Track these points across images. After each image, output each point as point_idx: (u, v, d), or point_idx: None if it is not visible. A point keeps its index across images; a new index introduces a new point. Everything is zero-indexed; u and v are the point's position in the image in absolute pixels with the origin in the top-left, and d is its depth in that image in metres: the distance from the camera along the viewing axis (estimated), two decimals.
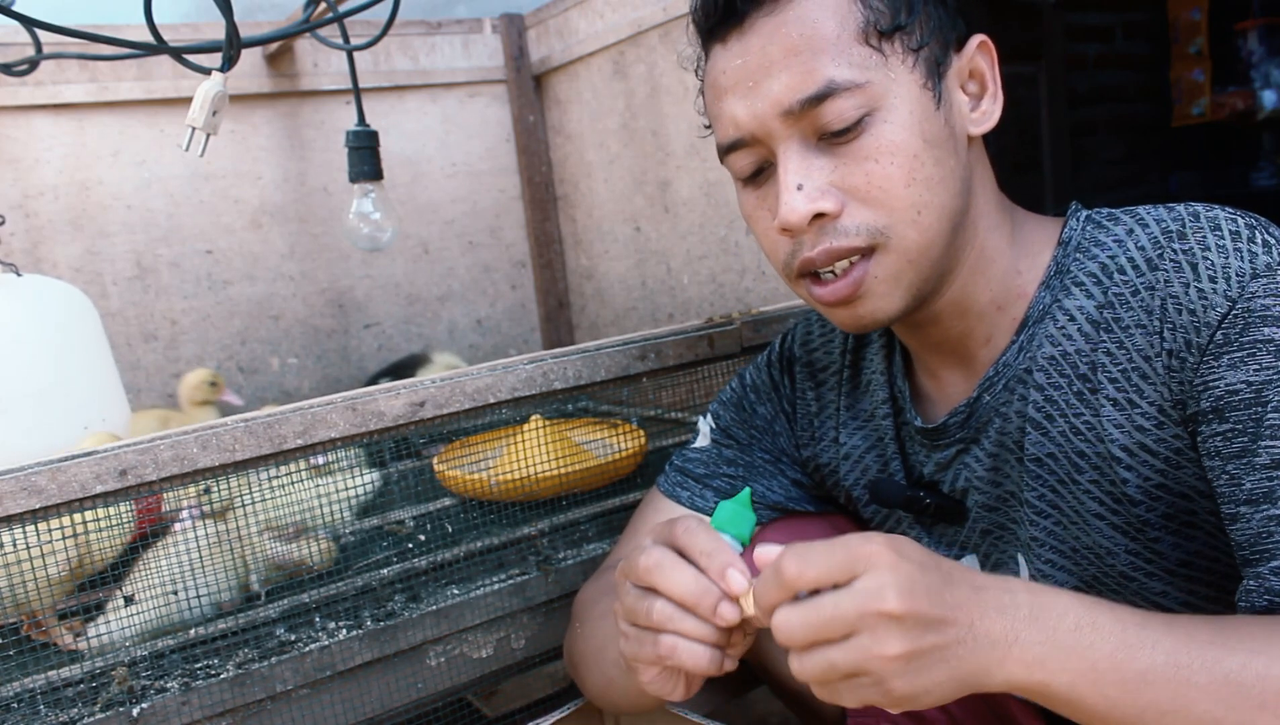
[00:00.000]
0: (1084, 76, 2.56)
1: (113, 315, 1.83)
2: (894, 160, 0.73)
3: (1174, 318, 0.71)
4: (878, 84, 0.73)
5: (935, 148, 0.75)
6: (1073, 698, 0.59)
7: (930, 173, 0.75)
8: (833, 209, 0.74)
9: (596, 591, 0.95)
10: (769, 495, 0.99)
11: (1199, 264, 0.70)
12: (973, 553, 0.90)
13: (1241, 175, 3.10)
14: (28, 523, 0.85)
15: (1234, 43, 2.87)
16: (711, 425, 1.02)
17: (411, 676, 1.03)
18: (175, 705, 0.89)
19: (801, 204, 0.74)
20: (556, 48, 2.09)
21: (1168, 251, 0.72)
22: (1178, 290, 0.71)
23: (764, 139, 0.76)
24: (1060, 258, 0.80)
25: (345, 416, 0.97)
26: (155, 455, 0.88)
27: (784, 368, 1.02)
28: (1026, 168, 2.26)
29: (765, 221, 0.80)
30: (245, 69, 1.86)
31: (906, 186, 0.74)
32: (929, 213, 0.75)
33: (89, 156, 1.80)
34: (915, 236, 0.75)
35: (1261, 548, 0.65)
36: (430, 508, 1.28)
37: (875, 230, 0.74)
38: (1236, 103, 2.82)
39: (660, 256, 1.91)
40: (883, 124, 0.73)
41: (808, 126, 0.74)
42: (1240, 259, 0.69)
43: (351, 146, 1.40)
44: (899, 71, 0.74)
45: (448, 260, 2.16)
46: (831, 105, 0.72)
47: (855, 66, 0.73)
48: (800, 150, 0.75)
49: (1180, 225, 0.73)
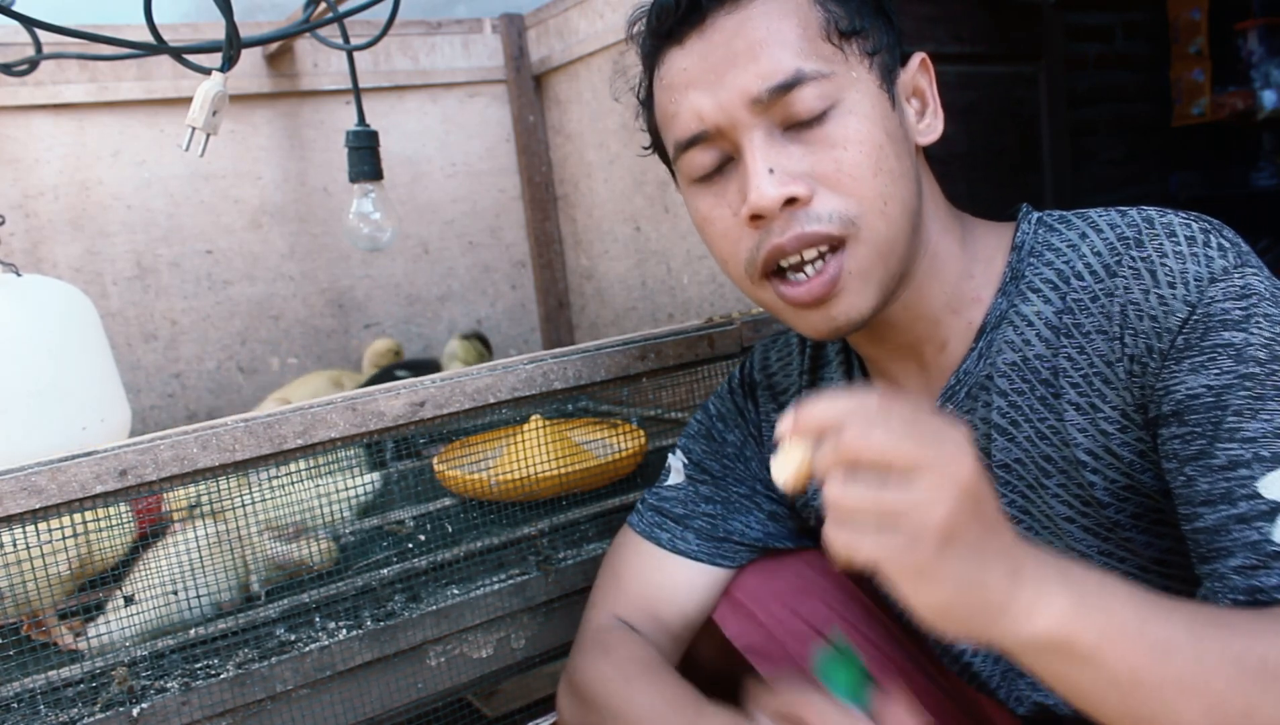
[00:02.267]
0: (1084, 76, 2.56)
1: (113, 315, 1.83)
2: (861, 148, 0.74)
3: (1135, 323, 0.71)
4: (841, 77, 0.75)
5: (895, 143, 0.76)
6: (1096, 659, 0.57)
7: (894, 165, 0.75)
8: (804, 193, 0.74)
9: (608, 673, 0.90)
10: (748, 533, 0.97)
11: (1157, 271, 0.71)
12: None
13: (1241, 175, 3.10)
14: (28, 523, 0.85)
15: (1234, 43, 2.87)
16: (684, 461, 1.01)
17: (411, 676, 1.03)
18: (175, 705, 0.89)
19: (773, 187, 0.73)
20: (556, 48, 2.09)
21: (1125, 258, 0.73)
22: (1138, 296, 0.71)
23: (728, 131, 0.76)
24: (1015, 263, 0.80)
25: (345, 416, 0.97)
26: (155, 455, 0.88)
27: (747, 393, 1.01)
28: (1026, 168, 2.26)
29: (725, 220, 0.79)
30: (245, 69, 1.86)
31: (874, 175, 0.74)
32: (894, 204, 0.75)
33: (89, 156, 1.80)
34: (884, 228, 0.75)
35: (1218, 546, 0.65)
36: (430, 508, 1.28)
37: (847, 218, 0.74)
38: (1236, 103, 2.81)
39: (660, 256, 1.91)
40: (848, 114, 0.74)
41: (775, 116, 0.74)
42: (1197, 264, 0.70)
43: (351, 146, 1.40)
44: (859, 70, 0.76)
45: (448, 260, 2.16)
46: (799, 94, 0.73)
47: (820, 59, 0.74)
48: (767, 137, 0.74)
49: (1137, 232, 0.73)
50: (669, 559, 0.96)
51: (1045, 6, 2.24)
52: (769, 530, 0.98)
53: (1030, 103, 2.23)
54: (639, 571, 0.96)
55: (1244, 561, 0.64)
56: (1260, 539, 0.63)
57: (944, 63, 1.95)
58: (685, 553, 0.95)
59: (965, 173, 2.05)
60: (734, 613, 0.97)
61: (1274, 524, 0.63)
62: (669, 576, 0.96)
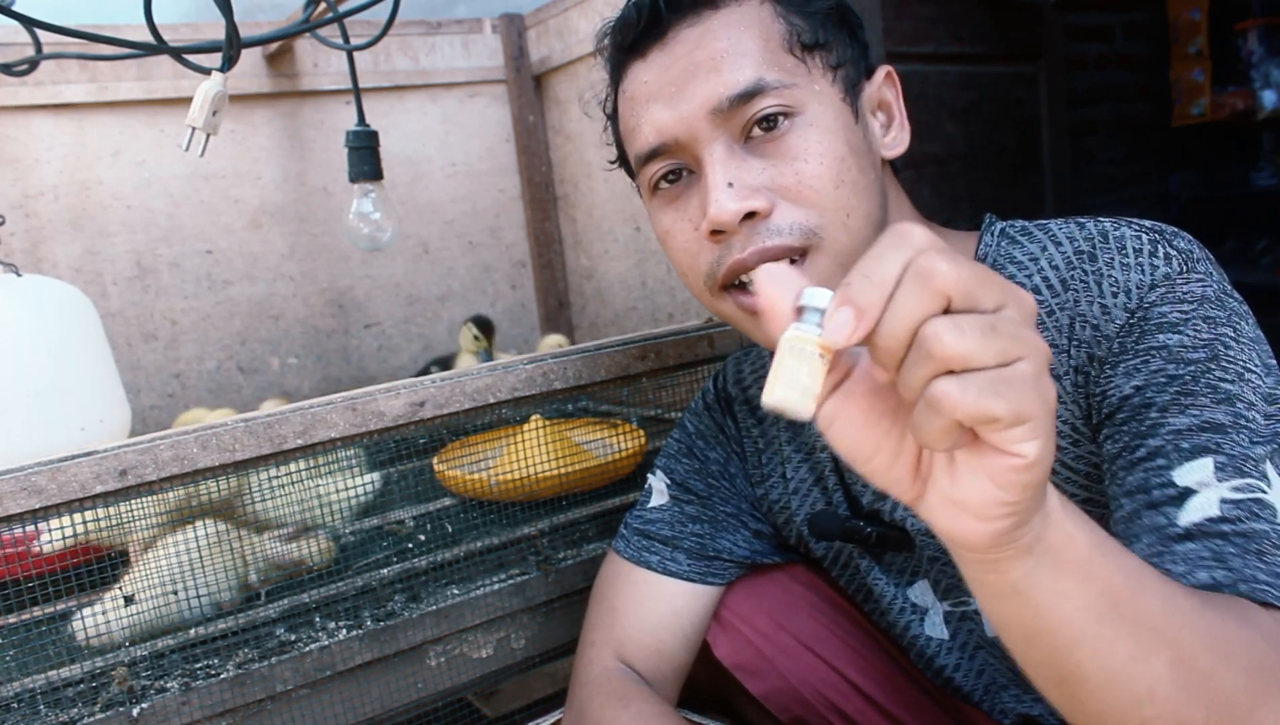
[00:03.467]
0: (1084, 76, 2.56)
1: (113, 315, 1.83)
2: (822, 160, 0.73)
3: (1079, 334, 0.72)
4: (803, 89, 0.74)
5: (858, 156, 0.75)
6: (1084, 570, 0.50)
7: (856, 178, 0.74)
8: (764, 206, 0.72)
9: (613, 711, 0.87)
10: (735, 551, 0.96)
11: (1103, 281, 0.71)
12: (924, 578, 0.89)
13: (1241, 175, 3.10)
14: (28, 523, 0.85)
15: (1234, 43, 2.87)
16: (666, 481, 0.99)
17: (411, 676, 1.03)
18: (175, 705, 0.89)
19: (732, 202, 0.72)
20: (556, 48, 2.09)
21: (1078, 272, 0.73)
22: (1084, 308, 0.72)
23: (688, 143, 0.75)
24: None
25: (345, 416, 0.97)
26: (155, 455, 0.88)
27: (724, 408, 1.00)
28: (1026, 168, 2.26)
29: (685, 234, 0.78)
30: (245, 69, 1.86)
31: (836, 187, 0.73)
32: (857, 217, 0.74)
33: (89, 156, 1.80)
34: (845, 240, 0.74)
35: (1129, 534, 0.64)
36: (430, 508, 1.28)
37: (808, 230, 0.73)
38: (1236, 103, 2.81)
39: (660, 256, 1.91)
40: (809, 126, 0.73)
41: (735, 127, 0.73)
42: (1141, 272, 0.70)
43: (351, 146, 1.40)
44: (821, 83, 0.75)
45: (448, 260, 2.16)
46: (760, 103, 0.72)
47: (782, 70, 0.73)
48: (726, 150, 0.73)
49: (1091, 245, 0.73)
50: (662, 583, 0.94)
51: (1045, 6, 2.24)
52: (755, 548, 0.98)
53: (1030, 103, 2.23)
54: (633, 600, 0.94)
55: (1149, 547, 0.62)
56: (1165, 523, 0.62)
57: (944, 63, 1.95)
58: (677, 574, 0.94)
59: (965, 173, 2.05)
60: (723, 632, 0.97)
61: (1181, 508, 0.62)
62: (664, 602, 0.94)
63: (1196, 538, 0.61)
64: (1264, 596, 0.57)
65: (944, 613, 0.89)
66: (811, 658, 0.95)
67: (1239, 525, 0.60)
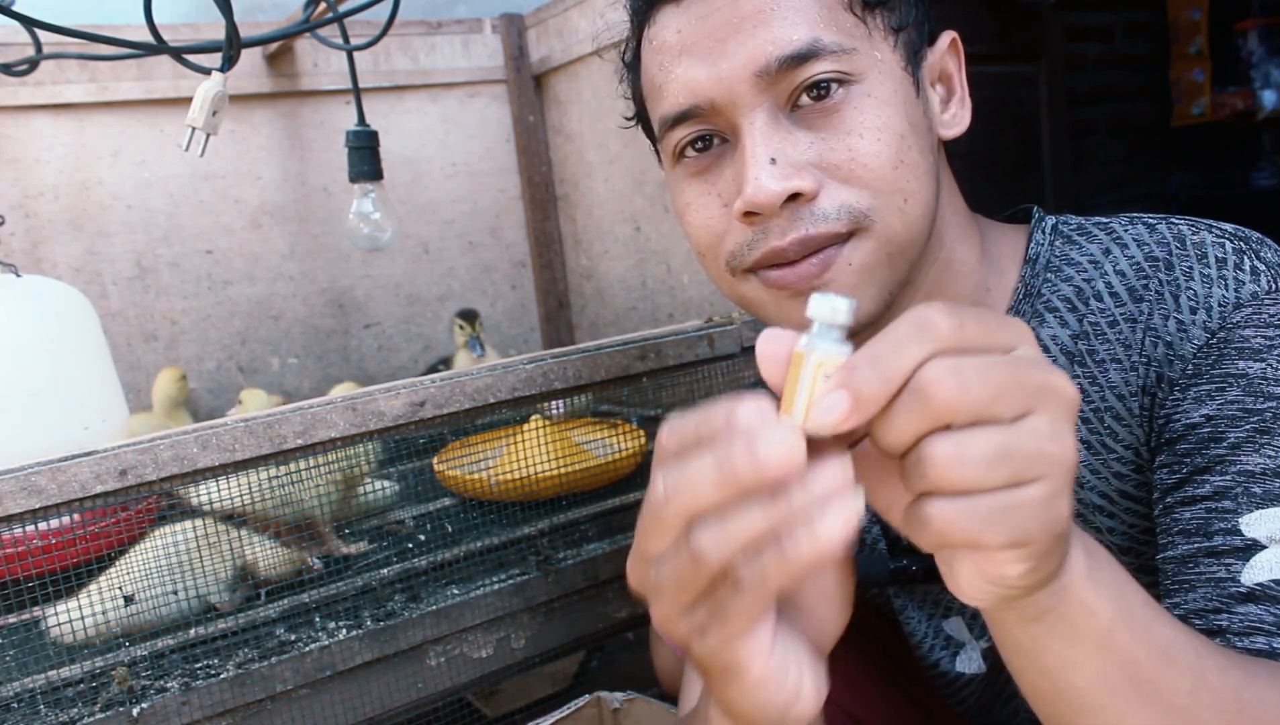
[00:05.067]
0: (1084, 76, 2.56)
1: (113, 315, 1.83)
2: (881, 137, 0.63)
3: (1150, 352, 0.65)
4: (863, 54, 0.64)
5: (919, 135, 0.66)
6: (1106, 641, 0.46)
7: (916, 159, 0.65)
8: (810, 188, 0.62)
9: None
10: None
11: (1181, 295, 0.64)
12: (958, 614, 0.83)
13: (1241, 175, 3.11)
14: (27, 523, 0.85)
15: (1234, 43, 2.87)
16: None
17: (411, 676, 1.03)
18: (175, 705, 0.89)
19: (774, 181, 0.61)
20: (556, 48, 2.08)
21: (1153, 282, 0.66)
22: (1157, 322, 0.65)
23: (724, 108, 0.64)
24: (1029, 278, 0.72)
25: (345, 416, 0.97)
26: (155, 455, 0.88)
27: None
28: (1026, 168, 2.26)
29: (710, 209, 0.68)
30: (245, 69, 1.86)
31: (894, 168, 0.63)
32: (915, 203, 0.65)
33: (89, 156, 1.80)
34: (900, 227, 0.64)
35: (1183, 578, 0.59)
36: (430, 508, 1.28)
37: (858, 212, 0.63)
38: (1236, 103, 2.82)
39: (660, 256, 1.91)
40: (867, 97, 0.63)
41: (782, 93, 0.63)
42: (1224, 287, 0.63)
43: (351, 146, 1.40)
44: (882, 48, 0.65)
45: (448, 260, 2.16)
46: (814, 67, 0.62)
47: (840, 31, 0.63)
48: (770, 120, 0.63)
49: (1167, 251, 0.66)
50: None
51: (1045, 6, 2.24)
52: None
53: (1030, 103, 2.23)
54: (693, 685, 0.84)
55: (1205, 600, 0.57)
56: (1227, 577, 0.56)
57: None
58: None
59: (965, 173, 2.04)
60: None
61: (1246, 564, 0.56)
62: None
63: (1261, 600, 0.55)
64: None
65: (982, 650, 0.83)
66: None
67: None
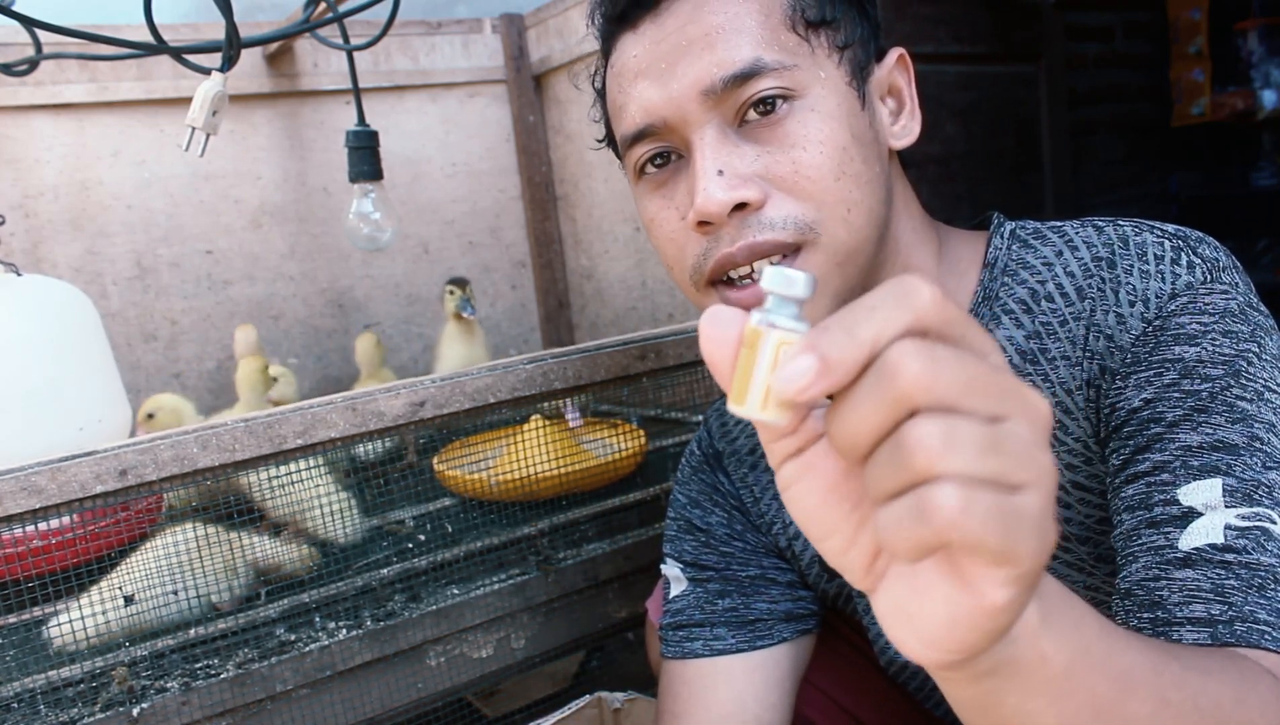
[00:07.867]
0: (1084, 76, 2.56)
1: (113, 315, 1.83)
2: (823, 150, 0.67)
3: (1093, 346, 0.68)
4: (805, 70, 0.68)
5: (863, 146, 0.69)
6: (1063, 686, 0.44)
7: (859, 170, 0.68)
8: (755, 198, 0.66)
9: None
10: (776, 609, 0.88)
11: (1120, 290, 0.68)
12: None
13: (1241, 175, 3.11)
14: (27, 523, 0.85)
15: (1234, 43, 2.87)
16: (679, 566, 0.91)
17: (411, 676, 1.03)
18: (175, 705, 0.89)
19: (721, 191, 0.66)
20: (556, 48, 2.09)
21: (1095, 280, 0.69)
22: (1099, 318, 0.68)
23: (677, 125, 0.69)
24: (987, 282, 0.75)
25: (345, 416, 0.97)
26: (155, 455, 0.88)
27: (715, 466, 0.92)
28: (1026, 168, 2.26)
29: (671, 223, 0.72)
30: (245, 69, 1.86)
31: (836, 180, 0.67)
32: (859, 212, 0.68)
33: (89, 156, 1.80)
34: (845, 236, 0.68)
35: (1127, 552, 0.61)
36: (430, 508, 1.28)
37: (804, 224, 0.67)
38: (1236, 103, 2.82)
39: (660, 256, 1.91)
40: (809, 111, 0.67)
41: (728, 110, 0.68)
42: (1161, 281, 0.66)
43: (351, 146, 1.40)
44: (826, 65, 0.69)
45: (448, 260, 2.16)
46: (757, 85, 0.66)
47: (783, 50, 0.67)
48: (719, 135, 0.68)
49: (1110, 251, 0.70)
50: (714, 667, 0.86)
51: (1045, 6, 2.24)
52: (797, 597, 0.89)
53: (1030, 103, 2.23)
54: (691, 699, 0.86)
55: (1145, 569, 0.59)
56: (1165, 544, 0.58)
57: (944, 63, 1.95)
58: (725, 650, 0.86)
59: (965, 173, 2.05)
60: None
61: (1184, 531, 0.58)
62: (723, 688, 0.85)
63: (1196, 565, 0.57)
64: (1260, 640, 0.54)
65: None
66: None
67: (1244, 556, 0.56)
